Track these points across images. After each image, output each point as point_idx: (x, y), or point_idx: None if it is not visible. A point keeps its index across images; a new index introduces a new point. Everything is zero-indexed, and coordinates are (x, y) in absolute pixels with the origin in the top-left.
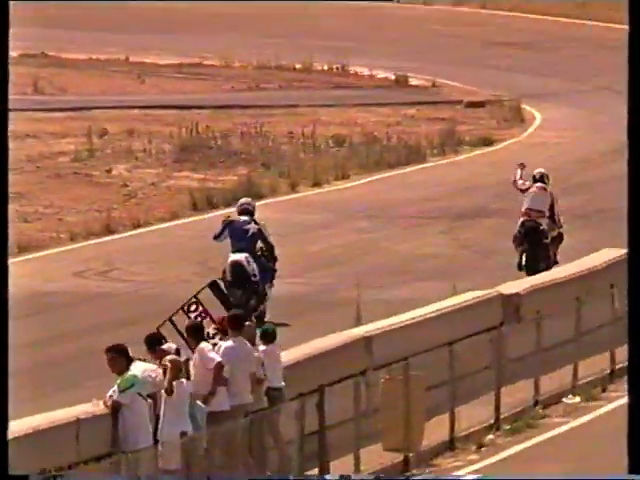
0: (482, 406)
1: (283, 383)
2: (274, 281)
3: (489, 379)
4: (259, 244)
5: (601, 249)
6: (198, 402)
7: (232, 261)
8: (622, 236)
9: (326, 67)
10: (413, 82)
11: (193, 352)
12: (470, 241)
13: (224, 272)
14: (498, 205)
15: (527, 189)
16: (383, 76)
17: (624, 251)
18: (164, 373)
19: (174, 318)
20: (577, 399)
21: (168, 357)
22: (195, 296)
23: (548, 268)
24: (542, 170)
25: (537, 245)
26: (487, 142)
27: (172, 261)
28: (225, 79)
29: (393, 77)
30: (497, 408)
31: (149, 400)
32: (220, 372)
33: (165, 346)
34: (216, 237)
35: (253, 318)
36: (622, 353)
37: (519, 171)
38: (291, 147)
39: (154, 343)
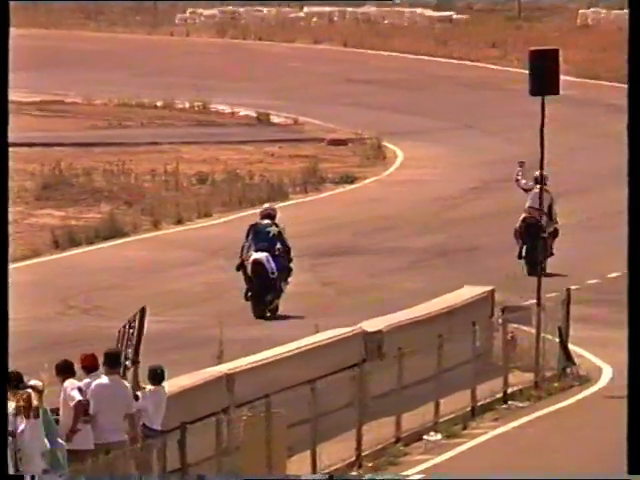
0: (344, 443)
1: (160, 428)
2: (289, 279)
3: (351, 416)
4: (278, 245)
5: (462, 287)
6: (59, 439)
7: (254, 259)
8: (483, 274)
9: (187, 105)
10: (275, 120)
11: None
12: (333, 279)
13: (244, 267)
14: (361, 243)
15: (530, 189)
16: (245, 114)
17: (485, 289)
18: (26, 404)
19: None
20: (438, 436)
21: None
22: (142, 312)
23: (545, 259)
24: (544, 172)
25: (536, 239)
26: (349, 180)
27: (33, 299)
28: (86, 117)
29: (255, 115)
30: (359, 445)
31: (10, 438)
32: (80, 410)
33: (32, 382)
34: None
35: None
36: (483, 391)
37: (519, 169)
38: (153, 185)
39: (14, 381)
